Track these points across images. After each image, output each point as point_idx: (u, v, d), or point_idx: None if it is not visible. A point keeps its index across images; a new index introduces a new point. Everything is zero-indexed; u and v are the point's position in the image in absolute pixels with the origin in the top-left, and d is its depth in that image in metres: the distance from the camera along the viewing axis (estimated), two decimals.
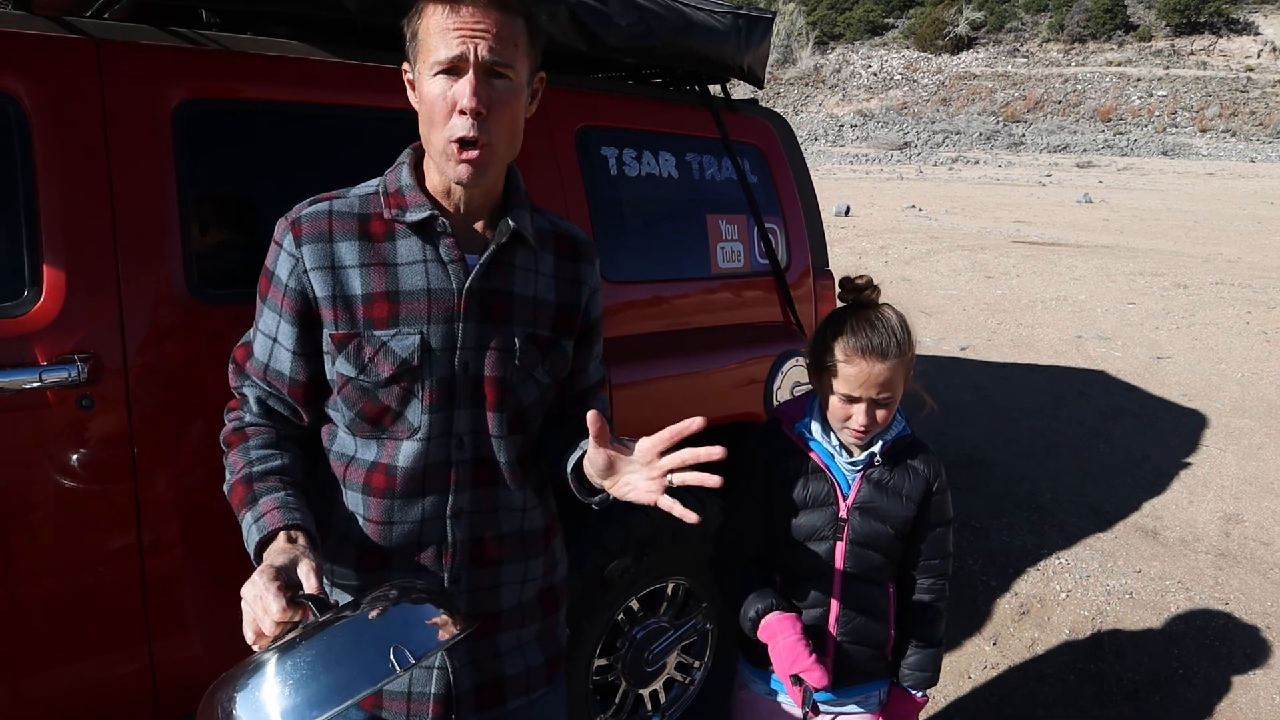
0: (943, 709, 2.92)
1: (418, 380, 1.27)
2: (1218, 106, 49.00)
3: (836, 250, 12.70)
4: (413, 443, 1.28)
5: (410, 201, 1.27)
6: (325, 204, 1.29)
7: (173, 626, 1.74)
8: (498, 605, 1.38)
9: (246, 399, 1.33)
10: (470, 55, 1.16)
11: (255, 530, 1.18)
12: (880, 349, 1.52)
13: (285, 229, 1.28)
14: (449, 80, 1.18)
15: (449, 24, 1.16)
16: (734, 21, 2.57)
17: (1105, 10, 57.68)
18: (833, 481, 1.62)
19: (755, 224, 2.72)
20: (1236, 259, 13.10)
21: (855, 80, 59.58)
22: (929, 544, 1.67)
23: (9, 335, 1.51)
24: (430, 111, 1.20)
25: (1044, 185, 28.24)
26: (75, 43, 1.60)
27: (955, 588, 3.55)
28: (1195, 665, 3.10)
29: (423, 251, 1.27)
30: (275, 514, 1.18)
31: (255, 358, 1.33)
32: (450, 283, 1.27)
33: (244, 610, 1.04)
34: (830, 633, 1.65)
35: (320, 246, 1.25)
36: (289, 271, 1.26)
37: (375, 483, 1.30)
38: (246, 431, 1.30)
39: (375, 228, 1.28)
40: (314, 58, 1.88)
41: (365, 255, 1.26)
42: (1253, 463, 5.07)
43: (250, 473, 1.24)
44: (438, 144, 1.21)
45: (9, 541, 1.55)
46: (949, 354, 7.41)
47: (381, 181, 1.33)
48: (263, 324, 1.32)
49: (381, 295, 1.25)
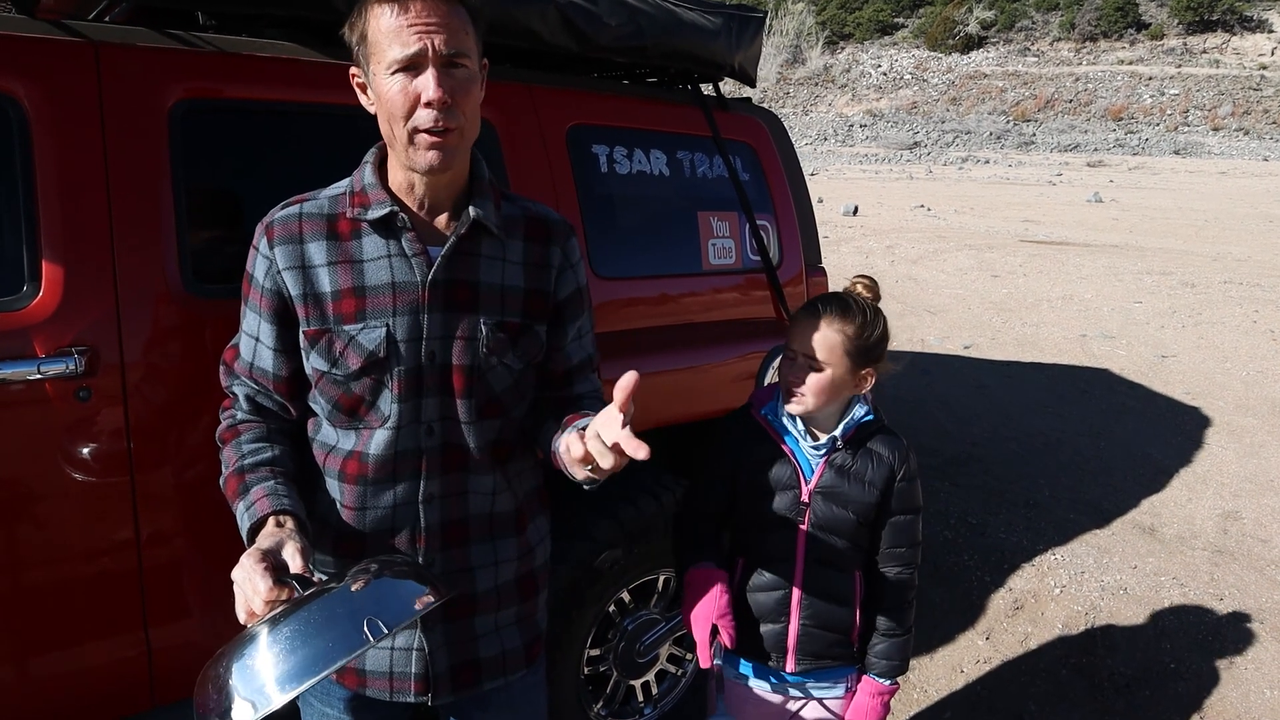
0: (934, 703, 2.94)
1: (386, 371, 1.31)
2: (1230, 105, 48.68)
3: (843, 250, 12.71)
4: (384, 431, 1.33)
5: (372, 199, 1.31)
6: (296, 207, 1.34)
7: (169, 614, 1.79)
8: (474, 588, 1.41)
9: (237, 397, 1.40)
10: (429, 50, 1.19)
11: (246, 518, 1.24)
12: (826, 311, 1.59)
13: (260, 232, 1.34)
14: (407, 77, 1.21)
15: (402, 22, 1.19)
16: (724, 21, 2.60)
17: (1117, 9, 57.37)
18: (795, 465, 1.65)
19: (747, 221, 2.75)
20: (1246, 258, 13.04)
21: (865, 80, 59.45)
22: (895, 531, 1.69)
23: (8, 329, 1.55)
24: (391, 109, 1.22)
25: (1054, 184, 28.15)
26: (74, 45, 1.64)
27: (949, 583, 3.58)
28: (1187, 660, 3.12)
29: (386, 247, 1.31)
30: (264, 501, 1.24)
31: (241, 357, 1.39)
32: (414, 275, 1.30)
33: (235, 591, 1.10)
34: (792, 615, 1.68)
35: (291, 248, 1.31)
36: (265, 273, 1.32)
37: (350, 470, 1.35)
38: (239, 428, 1.37)
39: (342, 226, 1.32)
40: (306, 58, 1.92)
41: (333, 254, 1.31)
42: (1254, 460, 5.07)
43: (242, 465, 1.31)
44: (402, 138, 1.24)
45: (8, 531, 1.60)
46: (953, 352, 7.42)
47: (349, 181, 1.37)
48: (246, 325, 1.38)
49: (349, 291, 1.30)
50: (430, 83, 1.19)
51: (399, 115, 1.22)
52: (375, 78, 1.24)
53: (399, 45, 1.19)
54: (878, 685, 1.71)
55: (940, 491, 4.44)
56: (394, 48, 1.19)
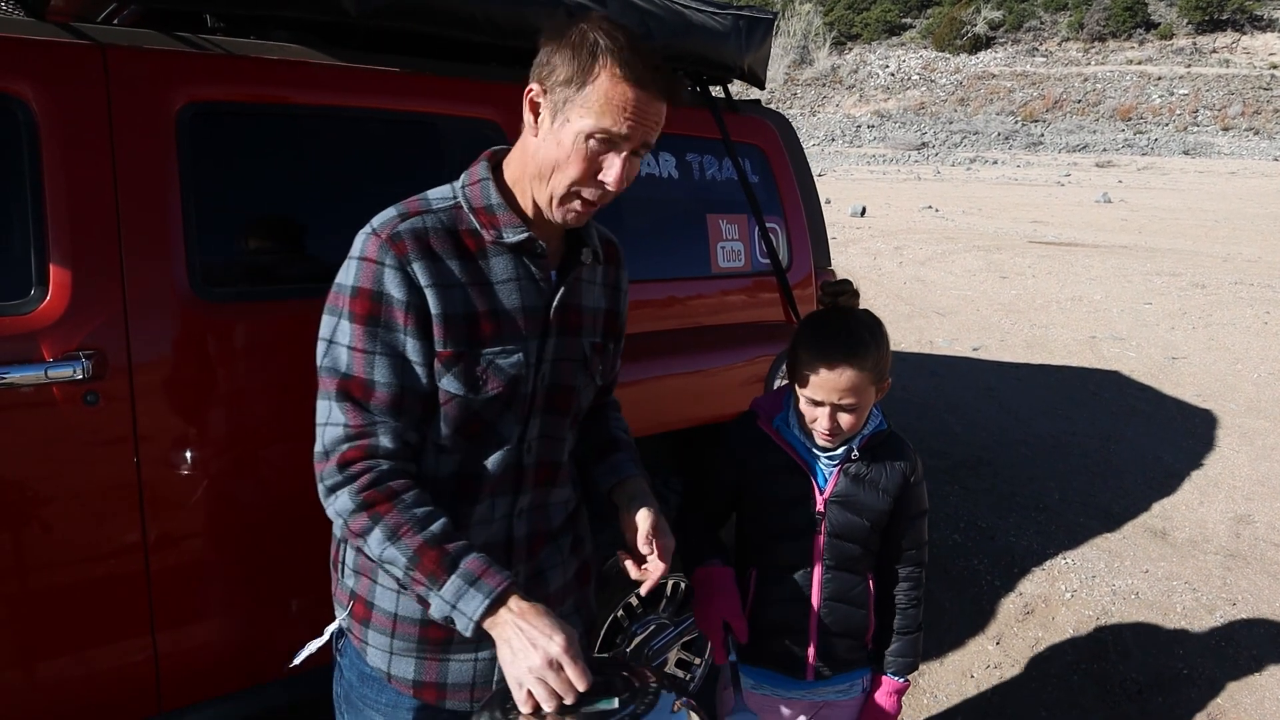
0: (945, 709, 2.92)
1: (516, 394, 1.31)
2: (1240, 104, 48.45)
3: (851, 251, 12.68)
4: (499, 452, 1.33)
5: (503, 221, 1.28)
6: (418, 219, 1.25)
7: (176, 619, 1.78)
8: (546, 589, 1.43)
9: (375, 442, 1.22)
10: (634, 138, 1.20)
11: (477, 593, 1.16)
12: (845, 356, 1.52)
13: (383, 245, 1.21)
14: (600, 145, 1.20)
15: (627, 102, 1.18)
16: (734, 23, 2.59)
17: (1125, 8, 57.17)
18: (809, 476, 1.64)
19: (756, 223, 2.74)
20: (1257, 258, 12.97)
21: (872, 81, 59.36)
22: (905, 534, 1.70)
23: (16, 332, 1.55)
24: (564, 163, 1.21)
25: (1063, 185, 28.06)
26: (82, 48, 1.64)
27: (959, 587, 3.56)
28: (1200, 666, 3.09)
29: (515, 269, 1.29)
30: (493, 574, 1.18)
31: (384, 383, 1.22)
32: (539, 300, 1.31)
33: (527, 678, 1.12)
34: (812, 625, 1.67)
35: (429, 263, 1.22)
36: (406, 288, 1.21)
37: (452, 490, 1.32)
38: (393, 487, 1.21)
39: (469, 244, 1.27)
40: (314, 61, 1.91)
41: (468, 273, 1.26)
42: (1266, 463, 5.03)
43: (431, 534, 1.19)
44: (557, 190, 1.24)
45: (16, 535, 1.60)
46: (961, 354, 7.39)
47: (459, 194, 1.30)
48: (381, 348, 1.22)
49: (487, 314, 1.27)
50: (617, 167, 1.21)
51: (570, 172, 1.22)
52: (566, 124, 1.21)
53: (612, 120, 1.18)
54: (894, 683, 1.73)
55: (950, 495, 4.41)
56: (607, 118, 1.18)
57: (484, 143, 2.18)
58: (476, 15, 2.06)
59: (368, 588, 1.33)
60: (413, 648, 1.33)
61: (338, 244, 2.01)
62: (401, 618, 1.32)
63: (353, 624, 1.36)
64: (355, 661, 1.38)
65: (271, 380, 1.82)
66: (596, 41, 1.19)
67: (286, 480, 1.86)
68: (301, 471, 1.89)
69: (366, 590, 1.34)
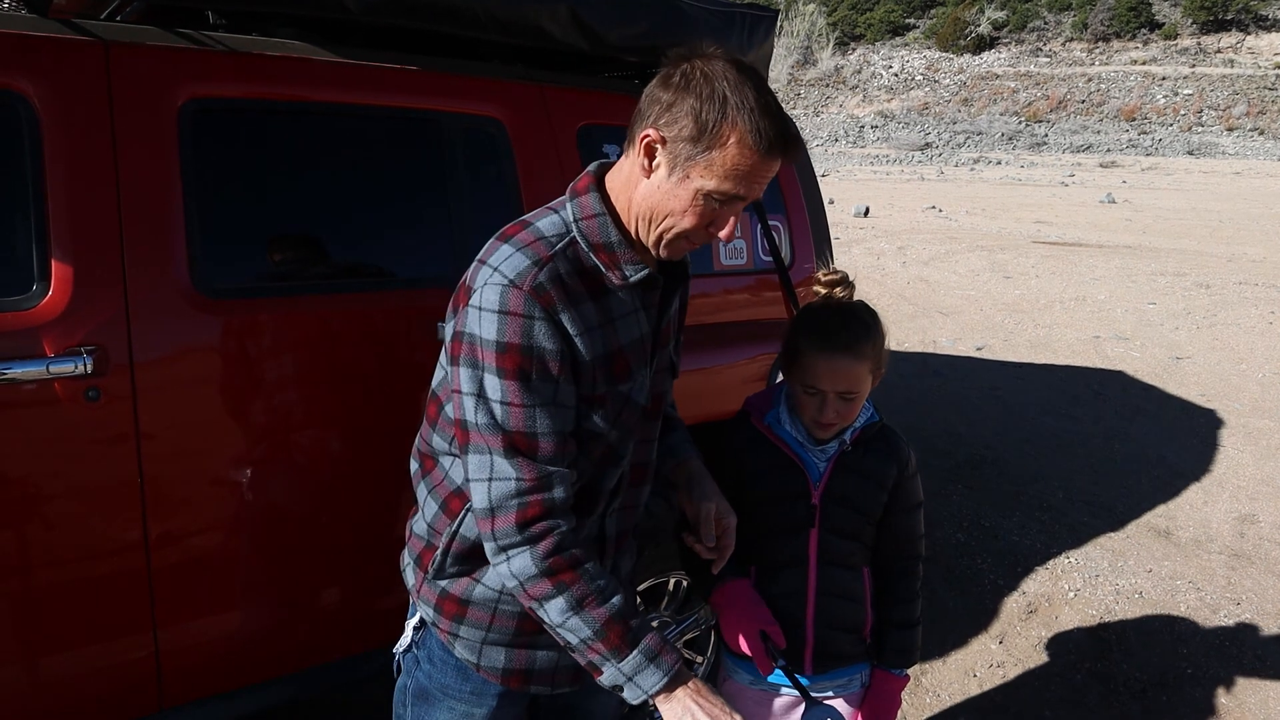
0: (948, 707, 2.91)
1: (636, 417, 1.36)
2: (1245, 105, 48.36)
3: (854, 251, 12.66)
4: (615, 467, 1.36)
5: (624, 259, 1.27)
6: (552, 266, 1.21)
7: (178, 615, 1.78)
8: (620, 577, 1.50)
9: (551, 495, 1.22)
10: (751, 197, 1.22)
11: (656, 669, 1.23)
12: (844, 345, 1.53)
13: (528, 298, 1.18)
14: (718, 204, 1.22)
15: (754, 169, 1.19)
16: (736, 19, 2.58)
17: (1129, 8, 57.08)
18: (803, 470, 1.64)
19: (759, 221, 2.73)
20: (1261, 259, 12.94)
21: (876, 81, 59.33)
22: (901, 527, 1.69)
23: (17, 328, 1.55)
24: (678, 210, 1.22)
25: (1066, 185, 28.02)
26: (85, 44, 1.64)
27: (962, 586, 3.55)
28: (1204, 665, 3.08)
29: (633, 302, 1.31)
30: (669, 652, 1.25)
31: (547, 433, 1.21)
32: (649, 325, 1.35)
33: None
34: (809, 620, 1.67)
35: (573, 312, 1.22)
36: (556, 338, 1.20)
37: (576, 505, 1.32)
38: (576, 555, 1.23)
39: (593, 284, 1.26)
40: (317, 58, 1.91)
41: (599, 314, 1.26)
42: (1270, 463, 5.02)
43: (614, 607, 1.23)
44: (666, 231, 1.25)
45: (17, 530, 1.60)
46: (965, 354, 7.38)
47: (574, 229, 1.27)
48: (538, 399, 1.20)
49: (619, 352, 1.28)
50: (731, 223, 1.24)
51: (684, 224, 1.23)
52: (686, 180, 1.20)
53: (734, 185, 1.19)
54: (893, 677, 1.72)
55: (953, 494, 4.40)
56: (729, 183, 1.19)
57: (486, 140, 2.20)
58: (478, 12, 2.06)
59: (465, 587, 1.36)
60: (507, 638, 1.38)
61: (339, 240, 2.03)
62: (501, 611, 1.36)
63: (439, 619, 1.38)
64: (438, 653, 1.41)
65: (274, 377, 1.83)
66: (726, 98, 1.16)
67: (289, 476, 1.86)
68: (303, 468, 1.90)
69: (463, 589, 1.36)
